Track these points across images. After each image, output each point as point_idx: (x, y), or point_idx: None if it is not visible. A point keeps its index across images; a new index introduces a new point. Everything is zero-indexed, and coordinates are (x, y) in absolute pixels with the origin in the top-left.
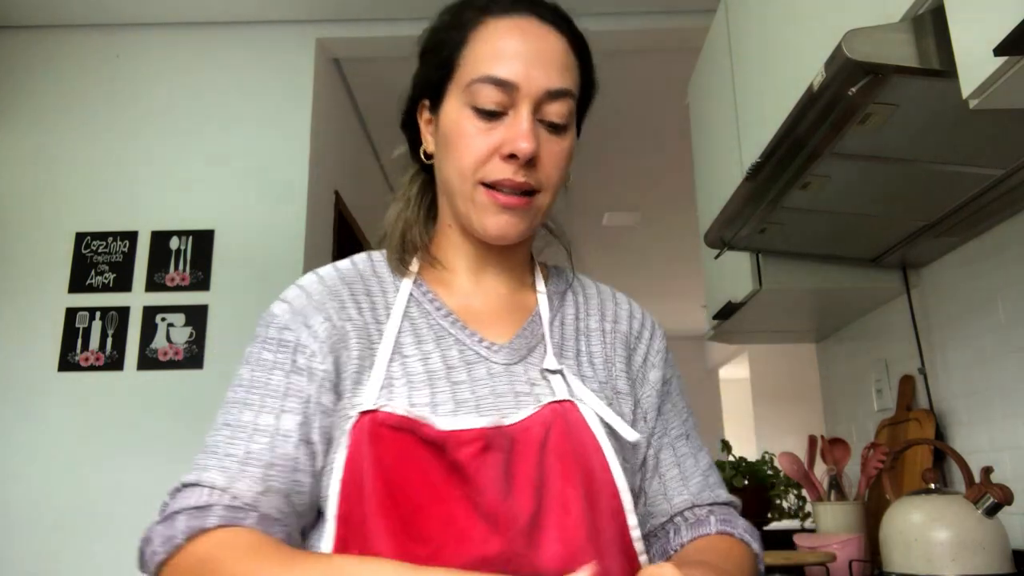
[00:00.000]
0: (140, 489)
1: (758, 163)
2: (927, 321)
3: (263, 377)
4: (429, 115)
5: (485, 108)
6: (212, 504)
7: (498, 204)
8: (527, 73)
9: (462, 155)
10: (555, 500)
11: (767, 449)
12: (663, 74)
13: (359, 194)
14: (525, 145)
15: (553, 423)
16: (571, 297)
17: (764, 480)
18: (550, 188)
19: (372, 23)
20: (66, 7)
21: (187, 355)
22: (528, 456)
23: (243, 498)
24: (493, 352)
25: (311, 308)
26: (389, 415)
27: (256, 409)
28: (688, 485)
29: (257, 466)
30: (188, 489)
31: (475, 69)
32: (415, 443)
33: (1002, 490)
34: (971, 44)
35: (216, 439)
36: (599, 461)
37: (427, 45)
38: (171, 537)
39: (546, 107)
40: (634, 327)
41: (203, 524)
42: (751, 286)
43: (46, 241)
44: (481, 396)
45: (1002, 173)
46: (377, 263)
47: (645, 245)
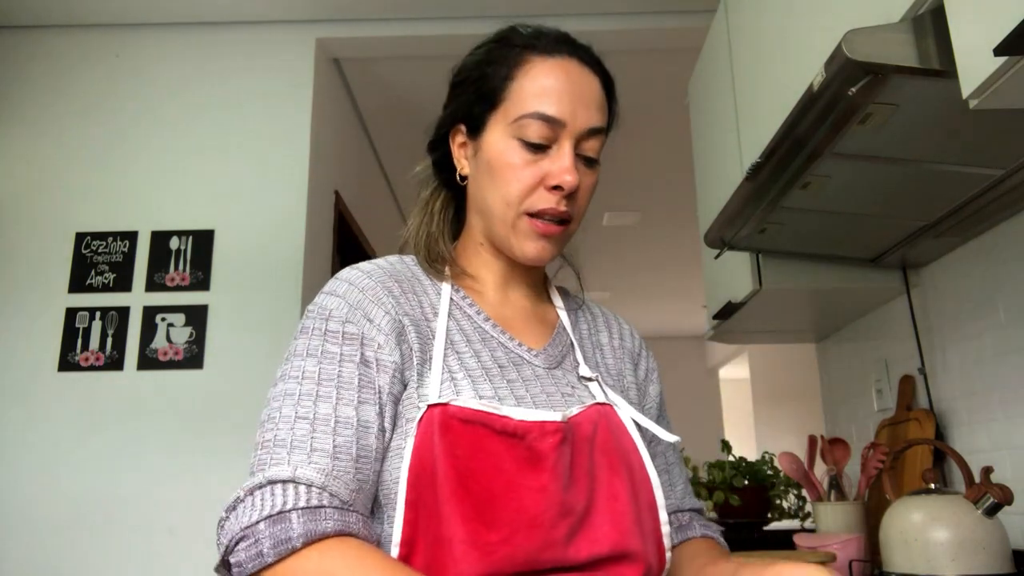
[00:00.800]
0: (140, 489)
1: (758, 163)
2: (927, 321)
3: (333, 369)
4: (465, 139)
5: (533, 142)
6: (324, 506)
7: (538, 232)
8: (573, 111)
9: (509, 184)
10: (605, 490)
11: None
12: (663, 74)
13: (359, 194)
14: (570, 178)
15: (599, 421)
16: (582, 315)
17: (764, 480)
18: (579, 217)
19: (372, 23)
20: (66, 7)
21: (187, 355)
22: (582, 449)
23: (341, 496)
24: (533, 356)
25: (368, 302)
26: (460, 408)
27: (333, 402)
28: (675, 490)
29: (347, 460)
30: (283, 486)
31: (524, 105)
32: (487, 434)
33: (1002, 490)
34: (971, 44)
35: (295, 433)
36: (637, 460)
37: (468, 76)
38: (287, 540)
39: (584, 143)
40: (636, 345)
41: (323, 529)
42: (751, 286)
43: (46, 241)
44: (535, 394)
45: (1002, 173)
46: (412, 266)
47: (645, 245)
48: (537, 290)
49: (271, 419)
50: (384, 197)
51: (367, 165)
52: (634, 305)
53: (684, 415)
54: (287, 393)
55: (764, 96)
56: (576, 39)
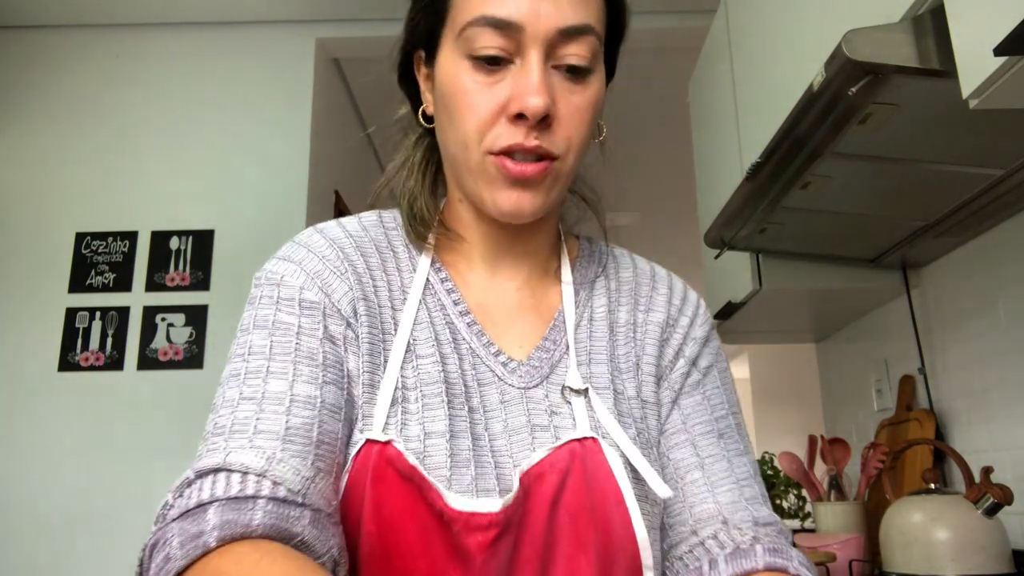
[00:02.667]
0: (140, 489)
1: (758, 163)
2: (927, 321)
3: (289, 342)
4: (426, 69)
5: (484, 55)
6: (256, 496)
7: (510, 175)
8: (533, 8)
9: (463, 118)
10: (562, 570)
11: (767, 449)
12: (663, 74)
13: (359, 194)
14: (535, 101)
15: (570, 470)
16: (603, 284)
17: (764, 480)
18: (572, 151)
19: (372, 23)
20: (66, 7)
21: (187, 355)
22: (538, 517)
23: (288, 485)
24: (509, 372)
25: (328, 273)
26: (399, 455)
27: (289, 378)
28: (715, 492)
29: (303, 444)
30: (209, 477)
31: (469, 8)
32: (419, 502)
33: (1002, 490)
34: (971, 44)
35: (236, 416)
36: (620, 515)
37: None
38: (198, 534)
39: (561, 49)
40: (671, 314)
41: (247, 522)
42: (751, 286)
43: (46, 241)
44: (495, 433)
45: (1002, 173)
46: (390, 230)
47: (645, 245)
48: (540, 257)
49: (213, 408)
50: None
51: (367, 165)
52: None
53: None
54: (232, 374)
55: (764, 96)
56: None
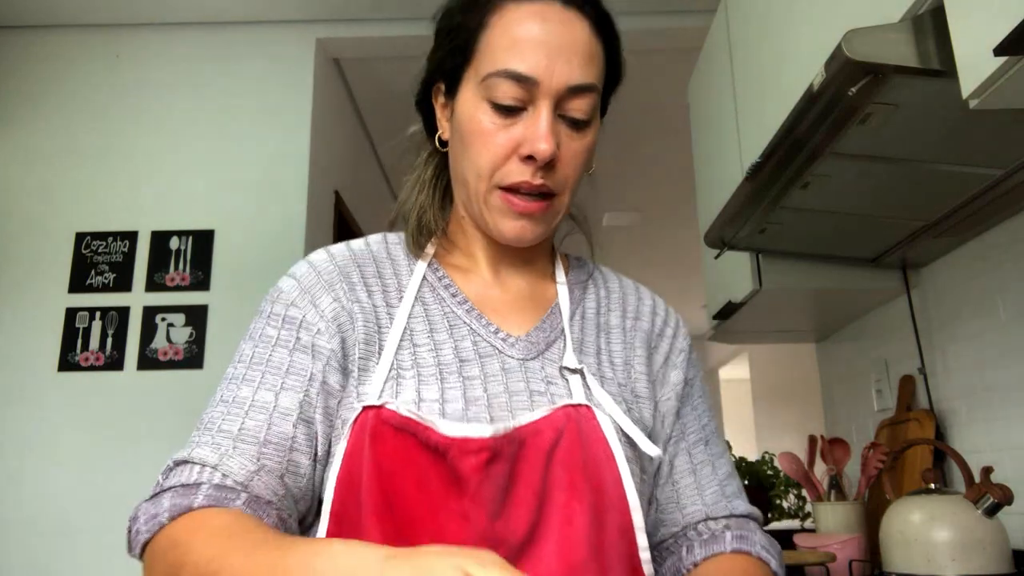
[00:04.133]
0: (140, 489)
1: (758, 163)
2: (927, 321)
3: (265, 353)
4: (444, 100)
5: (503, 104)
6: (201, 483)
7: (514, 210)
8: (549, 67)
9: (479, 153)
10: (558, 514)
11: (767, 449)
12: (663, 74)
13: (359, 194)
14: (544, 147)
15: (565, 428)
16: (592, 290)
17: (764, 480)
18: (568, 189)
19: (372, 23)
20: (66, 7)
21: (187, 355)
22: (534, 464)
23: (234, 476)
24: (508, 345)
25: (320, 287)
26: (393, 414)
27: (255, 385)
28: (703, 495)
29: (251, 443)
30: (179, 467)
31: (493, 61)
32: (416, 447)
33: (1002, 490)
34: (971, 44)
35: (211, 415)
36: (611, 475)
37: (442, 25)
38: (155, 515)
39: (568, 103)
40: (657, 324)
41: (190, 503)
42: (751, 286)
43: (46, 241)
44: (493, 394)
45: (1002, 173)
46: (392, 245)
47: (645, 245)
48: (537, 264)
49: (209, 402)
50: (384, 197)
51: (367, 165)
52: None
53: None
54: (225, 376)
55: (764, 96)
56: None
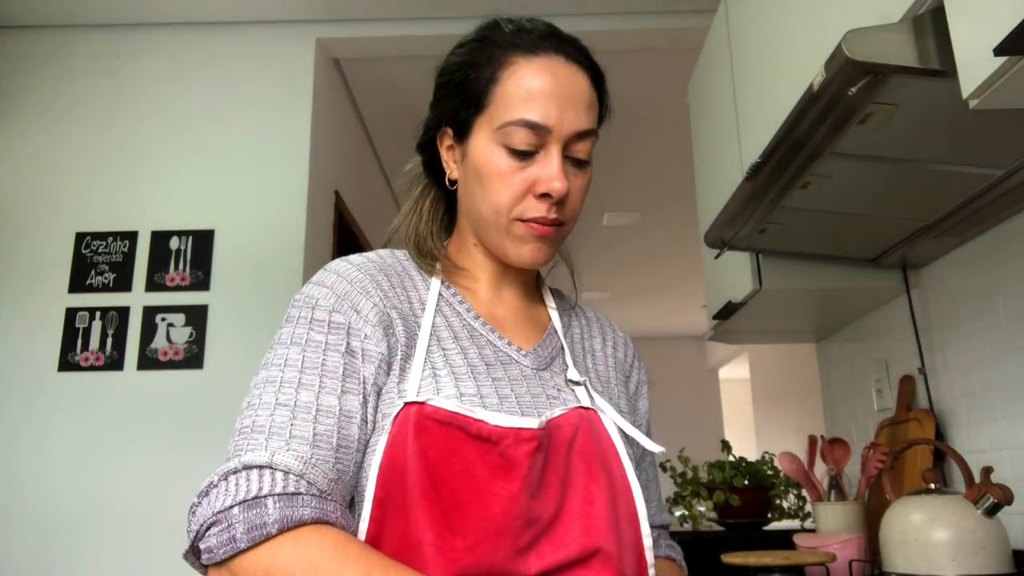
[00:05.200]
0: (140, 489)
1: (758, 163)
2: (927, 321)
3: (317, 358)
4: (452, 143)
5: (519, 149)
6: (301, 493)
7: (533, 234)
8: (559, 116)
9: (498, 192)
10: (579, 495)
11: (767, 449)
12: (663, 74)
13: (359, 194)
14: (558, 185)
15: (580, 425)
16: (575, 317)
17: (764, 480)
18: (573, 218)
19: (372, 23)
20: (66, 7)
21: (187, 355)
22: (558, 454)
23: (319, 485)
24: (522, 356)
25: (356, 293)
26: (437, 409)
27: (315, 390)
28: (649, 505)
29: (327, 449)
30: (259, 471)
31: (508, 111)
32: (461, 437)
33: (1002, 490)
34: (971, 44)
35: (275, 420)
36: (618, 468)
37: (452, 77)
38: (262, 525)
39: (573, 146)
40: (628, 356)
41: (299, 515)
42: (751, 286)
43: (46, 241)
44: (520, 394)
45: (1002, 173)
46: (403, 260)
47: (645, 245)
48: (530, 290)
49: (251, 406)
50: (384, 197)
51: (367, 165)
52: (634, 305)
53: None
54: (268, 380)
55: (764, 96)
56: (561, 32)
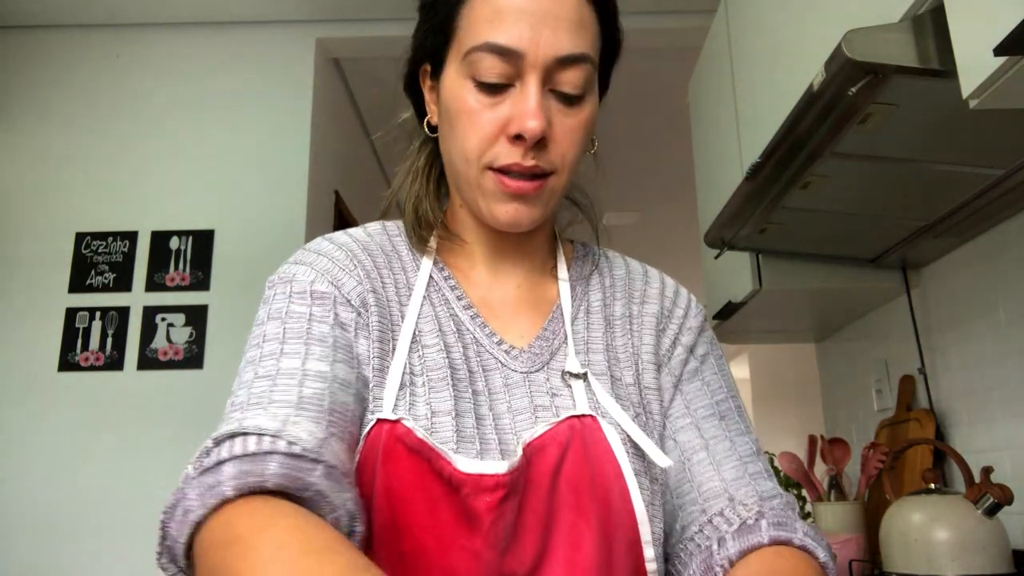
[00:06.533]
0: (140, 489)
1: (758, 163)
2: (927, 321)
3: (300, 327)
4: (431, 82)
5: (487, 81)
6: (271, 451)
7: (508, 191)
8: (533, 38)
9: (466, 135)
10: (564, 538)
11: (767, 449)
12: (663, 74)
13: (359, 194)
14: (533, 124)
15: (571, 443)
16: (597, 280)
17: None
18: (566, 168)
19: (372, 23)
20: (66, 7)
21: (187, 355)
22: (540, 487)
23: (303, 443)
24: (511, 358)
25: (337, 270)
26: (408, 432)
27: (301, 357)
28: (720, 470)
29: (315, 411)
30: (226, 442)
31: (474, 35)
32: (428, 472)
33: (1002, 490)
34: (971, 44)
35: (252, 392)
36: (619, 488)
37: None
38: (214, 485)
39: (558, 75)
40: (665, 305)
41: (261, 472)
42: (751, 286)
43: (46, 241)
44: (498, 413)
45: (1002, 173)
46: (394, 237)
47: (645, 245)
48: (538, 258)
49: (231, 393)
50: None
51: (367, 165)
52: None
53: None
54: (247, 361)
55: (764, 96)
56: None
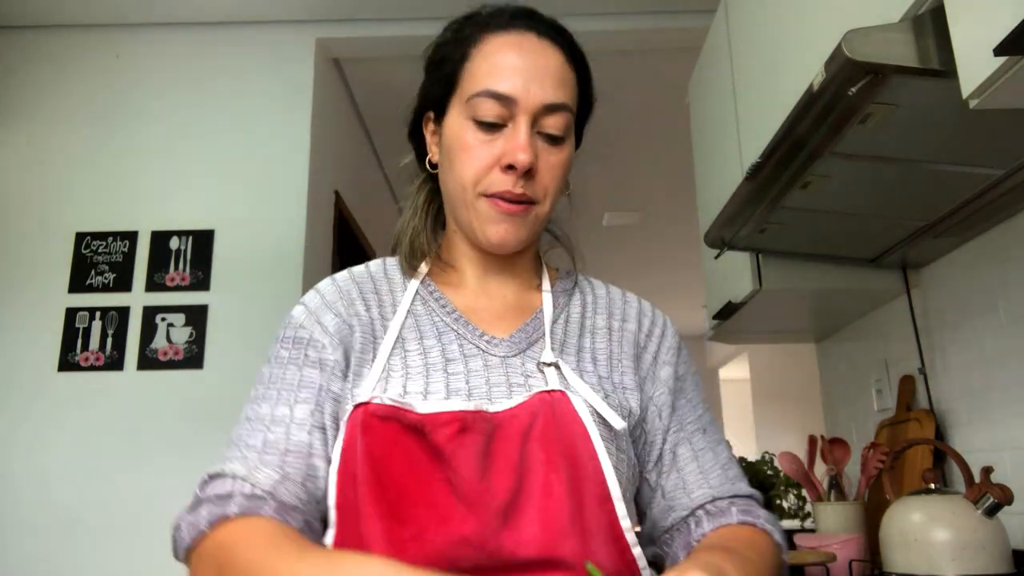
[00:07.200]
0: (140, 489)
1: (758, 163)
2: (927, 321)
3: (279, 372)
4: (434, 127)
5: (485, 120)
6: (233, 493)
7: (499, 212)
8: (525, 87)
9: (464, 166)
10: (536, 485)
11: (767, 449)
12: (663, 74)
13: (359, 194)
14: (523, 156)
15: (540, 411)
16: (578, 296)
17: (764, 480)
18: (548, 198)
19: (372, 23)
20: (66, 7)
21: (187, 355)
22: (511, 442)
23: (262, 486)
24: (492, 346)
25: (323, 307)
26: (379, 405)
27: (273, 402)
28: (708, 478)
29: (274, 454)
30: (213, 480)
31: (476, 84)
32: (400, 430)
33: (1002, 490)
34: (971, 44)
35: (239, 432)
36: (586, 449)
37: (431, 59)
38: (194, 524)
39: (544, 120)
40: (644, 325)
41: (224, 512)
42: (751, 286)
43: (46, 241)
44: (475, 385)
45: (1002, 173)
46: (390, 267)
47: (645, 245)
48: (523, 277)
49: (237, 421)
50: (384, 197)
51: (367, 165)
52: None
53: None
54: (249, 398)
55: (764, 96)
56: (538, 13)
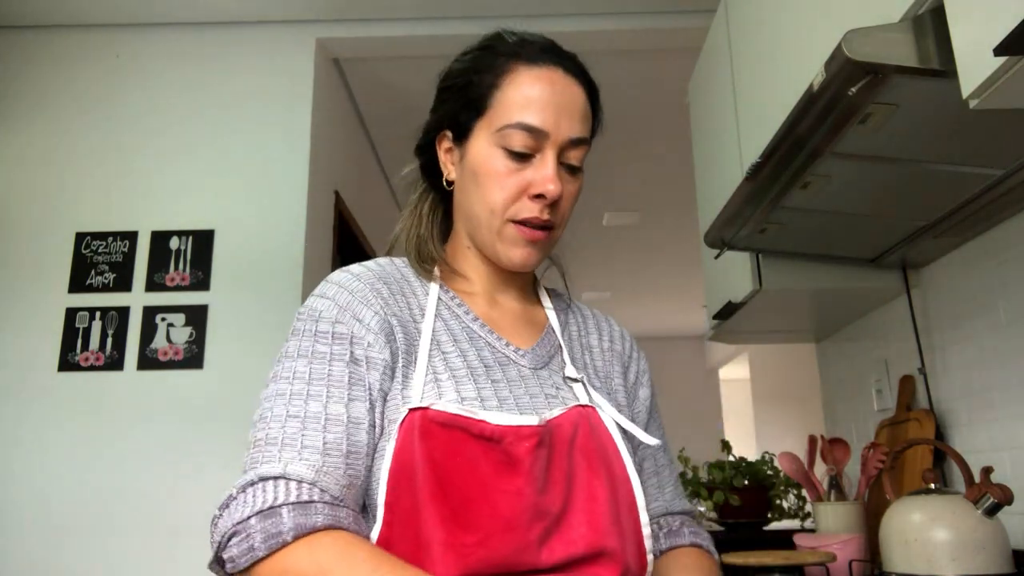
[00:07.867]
0: (140, 489)
1: (758, 163)
2: (927, 321)
3: (323, 369)
4: (451, 145)
5: (517, 151)
6: (314, 501)
7: (524, 238)
8: (556, 123)
9: (493, 192)
10: (583, 491)
11: (767, 449)
12: (663, 74)
13: (359, 194)
14: (552, 188)
15: (580, 423)
16: (572, 316)
17: (764, 480)
18: (563, 223)
19: (372, 23)
20: (66, 7)
21: (187, 355)
22: (561, 451)
23: (331, 492)
24: (520, 356)
25: (357, 303)
26: (439, 412)
27: (323, 400)
28: (663, 492)
29: (337, 457)
30: (274, 482)
31: (509, 114)
32: (465, 438)
33: (1002, 490)
34: (971, 44)
35: (287, 431)
36: (618, 461)
37: (454, 82)
38: (277, 534)
39: (567, 152)
40: (626, 348)
41: (312, 523)
42: (751, 286)
43: (46, 241)
44: (518, 395)
45: (1002, 173)
46: (401, 268)
47: (645, 245)
48: (526, 292)
49: (263, 419)
50: (384, 197)
51: (367, 165)
52: (634, 305)
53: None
54: (278, 393)
55: (764, 96)
56: (561, 47)
